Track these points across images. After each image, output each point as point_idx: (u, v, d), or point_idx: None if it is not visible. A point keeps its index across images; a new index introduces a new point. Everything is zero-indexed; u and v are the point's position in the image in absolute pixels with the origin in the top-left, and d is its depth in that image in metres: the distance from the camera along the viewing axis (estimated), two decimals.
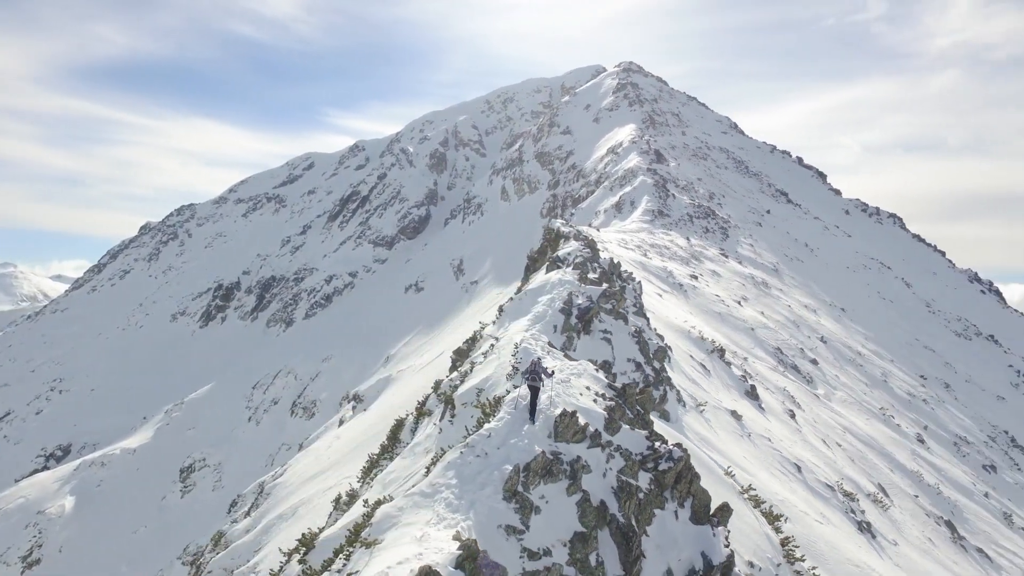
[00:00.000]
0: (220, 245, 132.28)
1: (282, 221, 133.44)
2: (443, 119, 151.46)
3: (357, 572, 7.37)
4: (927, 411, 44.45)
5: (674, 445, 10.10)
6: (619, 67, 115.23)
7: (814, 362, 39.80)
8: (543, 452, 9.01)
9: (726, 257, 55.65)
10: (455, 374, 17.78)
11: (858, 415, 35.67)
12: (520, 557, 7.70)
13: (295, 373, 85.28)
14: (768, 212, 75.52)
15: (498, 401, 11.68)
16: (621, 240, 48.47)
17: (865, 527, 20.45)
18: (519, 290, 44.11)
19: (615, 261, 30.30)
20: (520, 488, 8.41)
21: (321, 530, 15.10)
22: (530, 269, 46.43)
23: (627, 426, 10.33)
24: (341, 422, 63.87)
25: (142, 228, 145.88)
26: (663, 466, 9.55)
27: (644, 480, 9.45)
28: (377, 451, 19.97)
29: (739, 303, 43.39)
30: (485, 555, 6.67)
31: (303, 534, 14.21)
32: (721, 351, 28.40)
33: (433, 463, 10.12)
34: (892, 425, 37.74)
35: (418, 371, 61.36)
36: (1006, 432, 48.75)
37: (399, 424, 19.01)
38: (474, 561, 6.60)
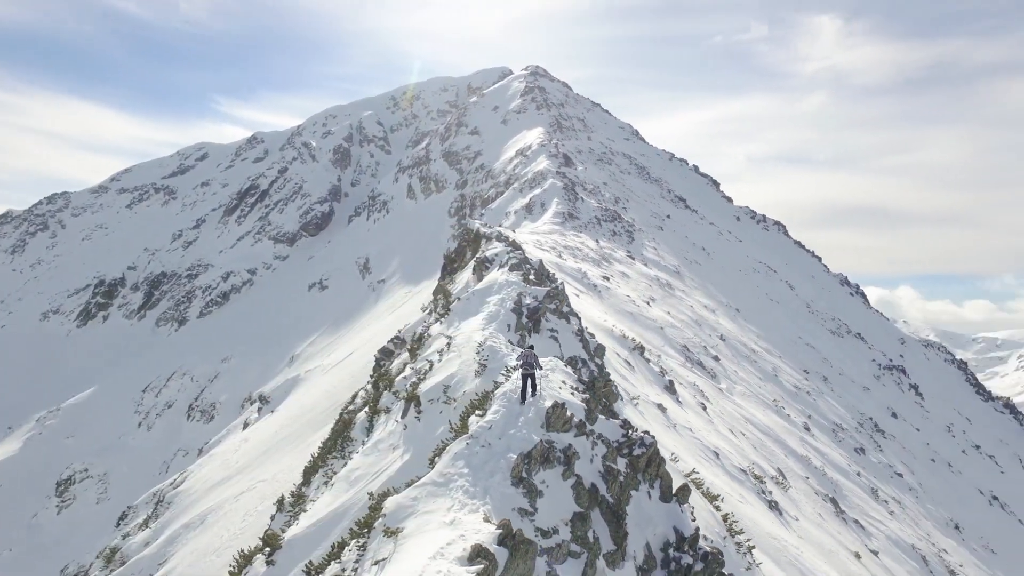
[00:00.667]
0: (101, 238, 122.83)
1: (172, 214, 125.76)
2: (347, 114, 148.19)
3: (384, 559, 7.73)
4: (810, 402, 48.89)
5: (643, 432, 11.22)
6: (526, 70, 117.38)
7: (716, 359, 42.82)
8: (541, 441, 9.79)
9: (633, 259, 58.45)
10: (409, 371, 18.04)
11: (756, 407, 38.83)
12: (535, 536, 8.41)
13: (191, 375, 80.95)
14: (668, 217, 79.73)
15: (487, 395, 12.27)
16: (536, 242, 49.83)
17: (774, 506, 22.66)
18: (440, 289, 44.46)
19: (541, 262, 31.39)
20: (524, 474, 9.13)
21: (283, 531, 15.03)
22: (448, 269, 46.91)
23: (602, 416, 11.33)
24: (246, 424, 61.47)
25: (2, 216, 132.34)
26: (637, 451, 10.63)
27: (621, 464, 10.44)
28: (317, 452, 19.86)
29: (648, 303, 45.86)
30: (520, 532, 7.35)
31: (266, 534, 14.12)
32: (641, 348, 30.21)
33: (436, 455, 10.53)
34: (783, 415, 41.35)
35: (328, 371, 60.19)
36: (871, 419, 54.36)
37: (346, 423, 19.05)
38: (513, 539, 7.23)
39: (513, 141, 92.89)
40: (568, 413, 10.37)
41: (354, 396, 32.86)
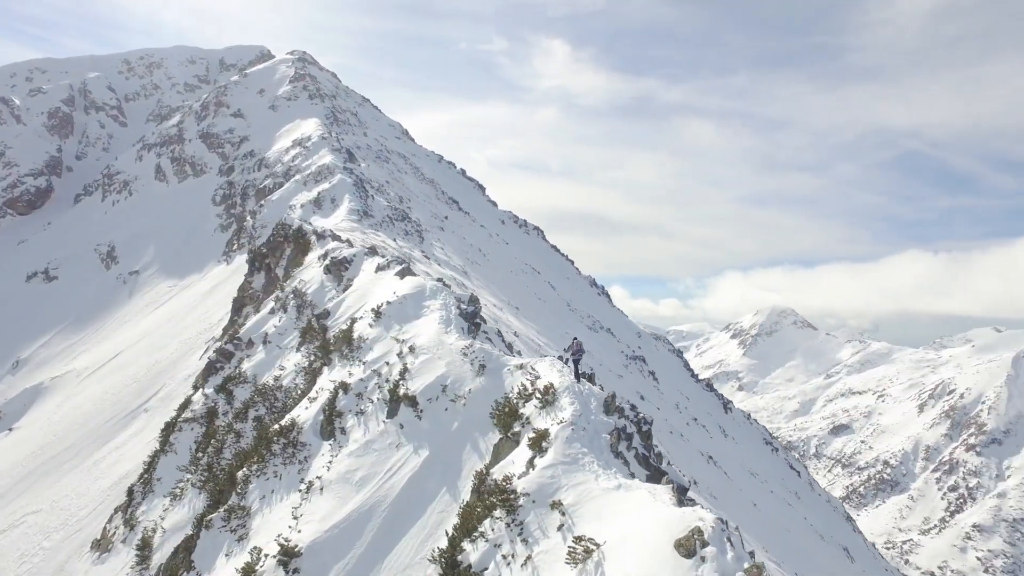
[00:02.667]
0: None
1: None
2: (62, 71, 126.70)
3: (566, 524, 9.47)
4: None
5: (643, 413, 14.59)
6: (292, 55, 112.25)
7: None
8: (615, 423, 12.60)
9: (428, 259, 61.01)
10: (369, 374, 18.14)
11: None
12: None
13: None
14: (447, 218, 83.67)
15: (547, 389, 14.08)
16: (347, 240, 49.81)
17: None
18: (276, 285, 42.56)
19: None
20: (617, 449, 11.83)
21: (286, 540, 14.50)
22: (259, 265, 44.88)
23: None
24: None
25: None
26: (644, 427, 13.86)
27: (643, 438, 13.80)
28: (255, 463, 18.87)
29: None
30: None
31: (281, 545, 13.71)
32: None
33: (506, 443, 12.06)
34: None
35: (89, 376, 52.54)
36: (628, 401, 64.50)
37: (288, 430, 18.49)
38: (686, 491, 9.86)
39: (286, 130, 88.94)
40: (616, 401, 13.32)
41: (187, 401, 30.55)
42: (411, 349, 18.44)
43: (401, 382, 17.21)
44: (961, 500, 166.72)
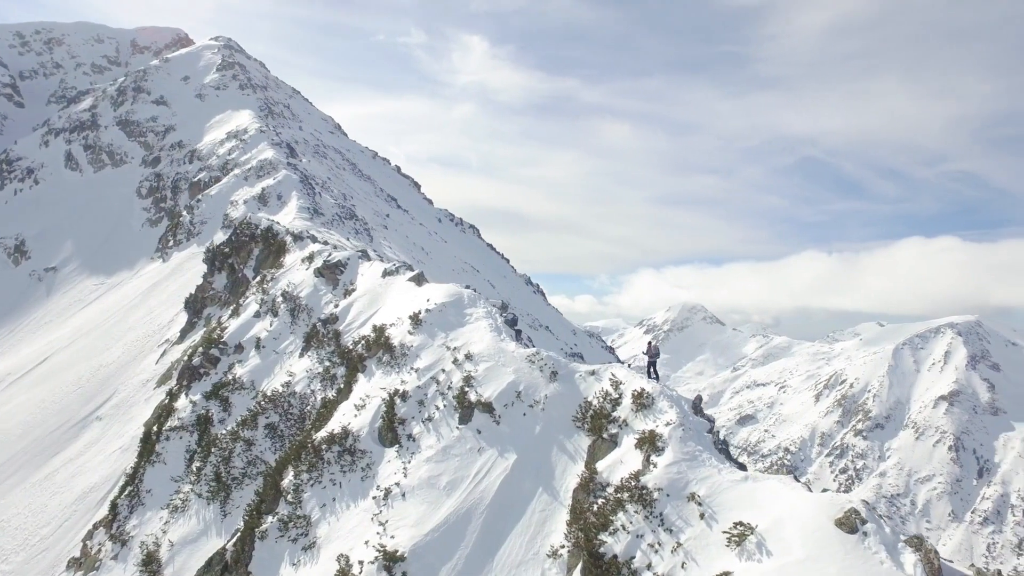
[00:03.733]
0: None
1: None
2: None
3: (705, 515, 10.55)
4: None
5: None
6: (218, 41, 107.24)
7: None
8: (707, 422, 13.98)
9: (381, 258, 60.47)
10: (426, 381, 18.63)
11: None
12: None
13: None
14: (388, 216, 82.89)
15: (641, 394, 15.27)
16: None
17: None
18: (245, 286, 41.17)
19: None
20: (717, 444, 13.43)
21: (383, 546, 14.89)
22: (220, 265, 43.36)
23: None
24: None
25: None
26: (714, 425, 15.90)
27: None
28: (304, 471, 18.83)
29: None
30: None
31: (379, 550, 14.17)
32: None
33: (603, 444, 13.05)
34: None
35: (13, 383, 48.66)
36: None
37: (342, 437, 18.54)
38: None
39: (217, 120, 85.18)
40: (700, 403, 14.84)
41: (166, 411, 29.31)
42: (467, 356, 18.96)
43: (468, 389, 17.77)
44: (850, 481, 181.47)
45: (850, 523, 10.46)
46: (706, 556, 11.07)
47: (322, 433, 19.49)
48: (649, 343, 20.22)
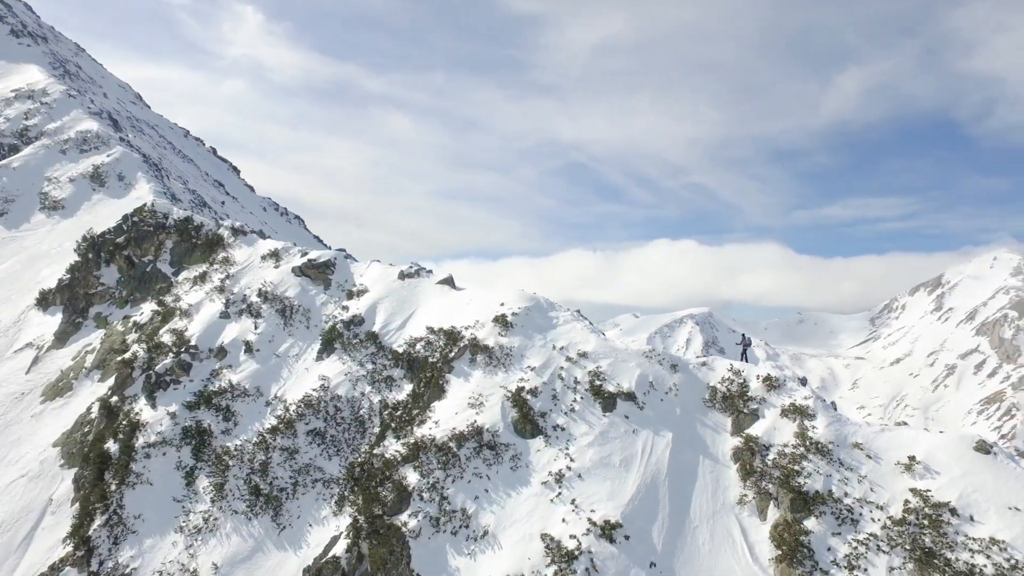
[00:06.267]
0: None
1: None
2: None
3: (871, 456, 14.26)
4: None
5: None
6: None
7: None
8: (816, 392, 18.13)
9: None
10: (550, 378, 19.71)
11: None
12: None
13: None
14: (224, 204, 76.09)
15: (768, 377, 19.01)
16: None
17: None
18: (168, 283, 36.81)
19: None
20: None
21: (594, 519, 16.19)
22: (108, 258, 37.76)
23: None
24: None
25: None
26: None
27: None
28: (438, 469, 18.59)
29: None
30: None
31: (592, 523, 15.59)
32: None
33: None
34: None
35: None
36: None
37: (477, 433, 18.87)
38: None
39: None
40: (807, 383, 18.74)
41: (135, 424, 25.70)
42: (582, 355, 20.60)
43: (602, 383, 19.68)
44: None
45: (984, 448, 14.97)
46: (886, 482, 14.92)
47: (439, 433, 19.67)
48: (743, 335, 23.89)
